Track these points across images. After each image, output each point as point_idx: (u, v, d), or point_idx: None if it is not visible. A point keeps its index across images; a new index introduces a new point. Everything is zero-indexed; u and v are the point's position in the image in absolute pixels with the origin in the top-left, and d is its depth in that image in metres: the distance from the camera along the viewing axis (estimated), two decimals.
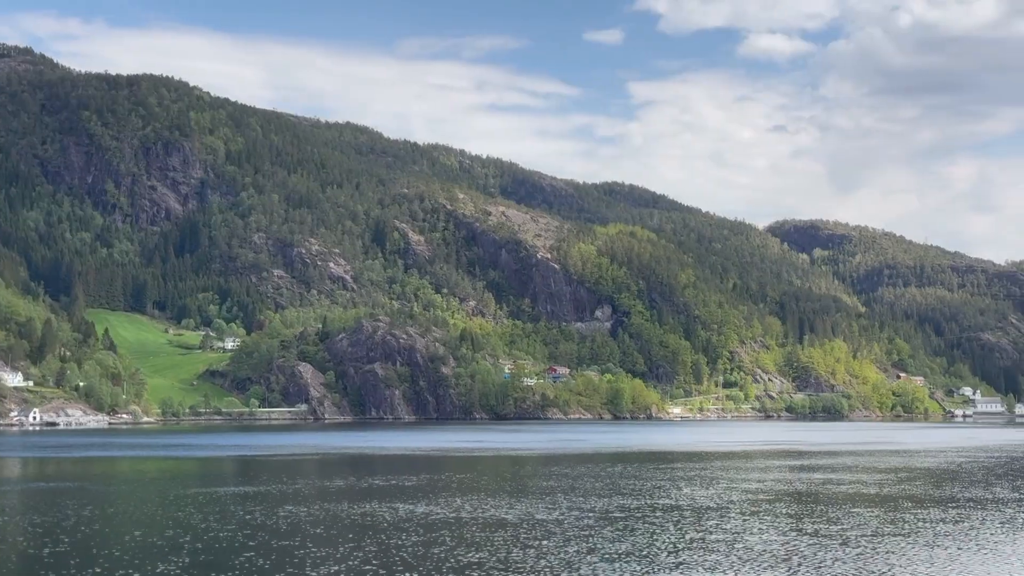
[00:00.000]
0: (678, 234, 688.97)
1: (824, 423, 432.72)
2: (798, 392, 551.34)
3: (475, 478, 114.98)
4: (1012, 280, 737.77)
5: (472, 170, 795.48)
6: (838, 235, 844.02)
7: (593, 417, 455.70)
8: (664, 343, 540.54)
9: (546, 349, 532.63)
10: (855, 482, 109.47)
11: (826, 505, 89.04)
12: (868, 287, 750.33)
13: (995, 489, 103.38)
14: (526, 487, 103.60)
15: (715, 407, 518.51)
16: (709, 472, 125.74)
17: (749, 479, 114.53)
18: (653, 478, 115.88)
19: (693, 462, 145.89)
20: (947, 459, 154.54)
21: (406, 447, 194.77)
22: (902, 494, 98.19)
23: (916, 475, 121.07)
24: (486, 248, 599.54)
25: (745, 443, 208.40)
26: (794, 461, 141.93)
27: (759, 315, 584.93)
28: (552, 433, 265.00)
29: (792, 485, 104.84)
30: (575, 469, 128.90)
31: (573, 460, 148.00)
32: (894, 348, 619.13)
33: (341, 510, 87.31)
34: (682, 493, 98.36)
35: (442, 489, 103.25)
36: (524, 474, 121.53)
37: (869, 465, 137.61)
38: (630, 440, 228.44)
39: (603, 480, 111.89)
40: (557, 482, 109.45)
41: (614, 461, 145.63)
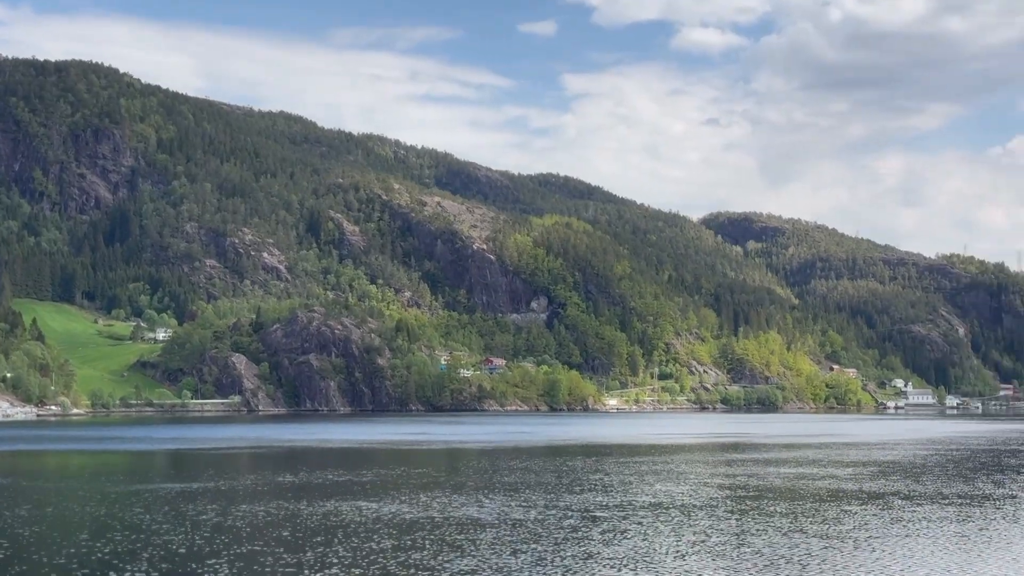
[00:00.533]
0: (613, 226, 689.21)
1: (764, 415, 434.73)
2: (733, 384, 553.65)
3: (433, 473, 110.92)
4: (942, 273, 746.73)
5: (407, 160, 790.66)
6: (771, 228, 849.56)
7: (530, 409, 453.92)
8: (600, 335, 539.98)
9: (482, 340, 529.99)
10: (830, 476, 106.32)
11: (816, 502, 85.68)
12: (801, 279, 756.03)
13: (979, 484, 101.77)
14: (490, 483, 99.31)
15: (651, 399, 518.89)
16: (675, 466, 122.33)
17: (719, 473, 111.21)
18: (619, 473, 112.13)
19: (654, 456, 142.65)
20: (909, 452, 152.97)
21: (350, 440, 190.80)
22: (887, 490, 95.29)
23: (888, 469, 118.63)
24: (422, 239, 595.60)
25: (696, 435, 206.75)
26: (756, 455, 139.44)
27: (694, 307, 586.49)
28: (495, 425, 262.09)
29: (768, 480, 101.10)
30: (533, 463, 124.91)
31: (527, 454, 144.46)
32: (827, 340, 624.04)
33: (301, 509, 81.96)
34: (657, 489, 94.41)
35: (402, 485, 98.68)
36: (482, 468, 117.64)
37: (834, 458, 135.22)
38: (577, 433, 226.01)
39: (568, 475, 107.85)
40: (520, 477, 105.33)
41: (570, 455, 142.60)
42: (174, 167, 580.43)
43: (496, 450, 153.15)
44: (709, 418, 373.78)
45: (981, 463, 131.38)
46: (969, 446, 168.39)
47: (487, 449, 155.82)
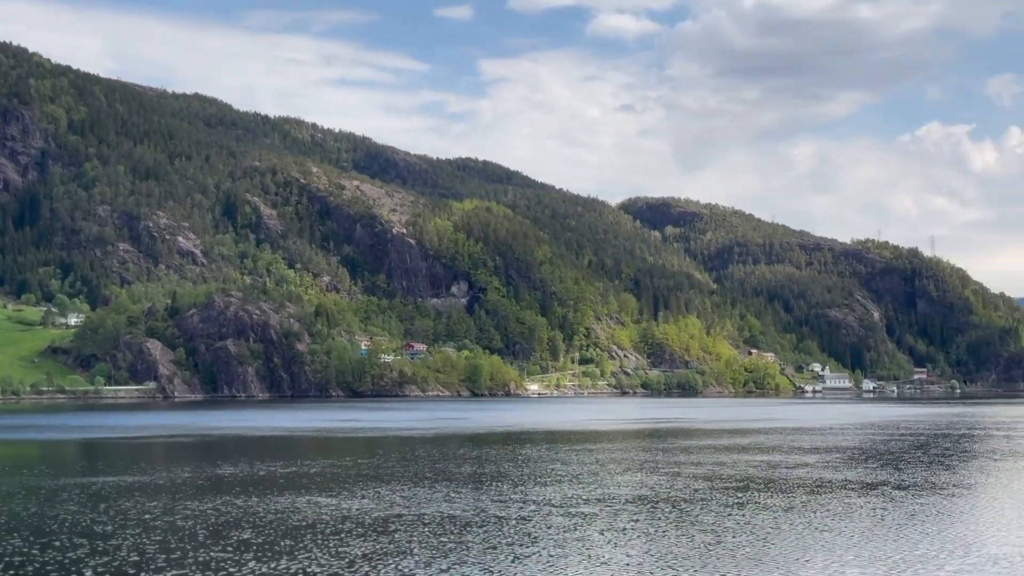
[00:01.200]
0: (532, 210, 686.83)
1: (690, 400, 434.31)
2: (653, 368, 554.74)
3: (384, 463, 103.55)
4: (857, 258, 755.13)
5: (324, 144, 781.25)
6: (689, 213, 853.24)
7: (451, 394, 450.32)
8: (521, 319, 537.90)
9: (402, 325, 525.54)
10: (803, 464, 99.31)
11: (809, 493, 79.53)
12: (719, 264, 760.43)
13: (964, 472, 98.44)
14: (448, 473, 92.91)
15: (572, 384, 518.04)
16: (636, 455, 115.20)
17: (687, 462, 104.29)
18: (579, 462, 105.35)
19: (606, 443, 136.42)
20: (865, 437, 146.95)
21: (280, 427, 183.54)
22: (874, 479, 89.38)
23: (857, 455, 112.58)
24: (340, 223, 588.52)
25: (638, 421, 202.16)
26: (712, 441, 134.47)
27: (614, 292, 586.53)
28: (423, 411, 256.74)
29: (743, 470, 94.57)
30: (482, 451, 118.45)
31: (471, 441, 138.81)
32: (746, 325, 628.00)
33: (255, 506, 73.78)
34: (632, 480, 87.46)
35: (355, 477, 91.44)
36: (432, 457, 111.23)
37: (794, 445, 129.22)
38: (513, 419, 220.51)
39: (526, 465, 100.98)
40: (475, 467, 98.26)
41: (520, 442, 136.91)
42: (86, 149, 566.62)
43: (440, 437, 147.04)
44: (639, 403, 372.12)
45: (947, 448, 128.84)
46: (919, 430, 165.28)
47: (429, 437, 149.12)
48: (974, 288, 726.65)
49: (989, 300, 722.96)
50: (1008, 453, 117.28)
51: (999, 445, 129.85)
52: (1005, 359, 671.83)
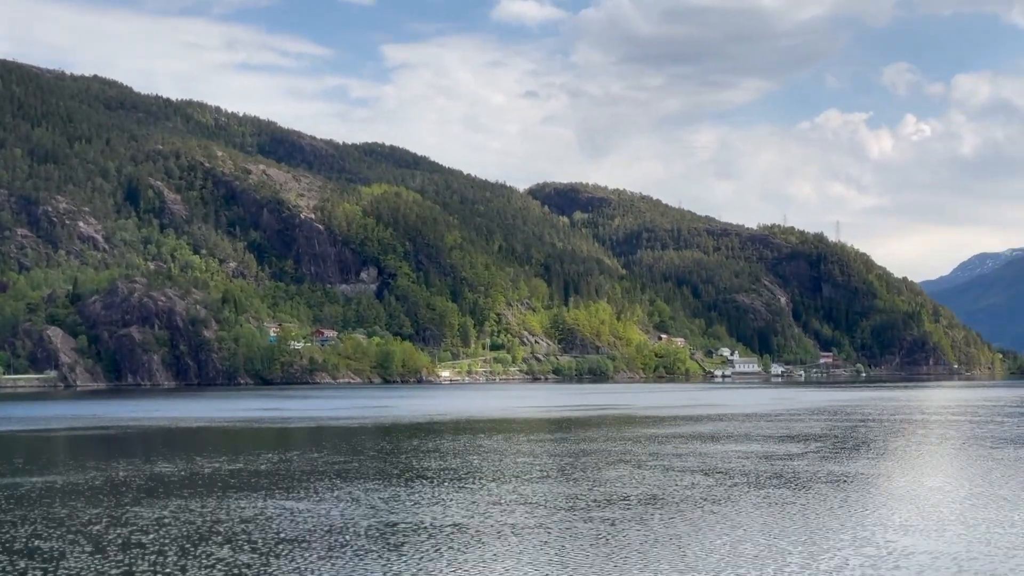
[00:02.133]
0: (441, 195, 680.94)
1: (608, 385, 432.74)
2: (564, 354, 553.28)
3: (336, 457, 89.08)
4: (764, 243, 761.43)
5: (229, 128, 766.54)
6: (597, 198, 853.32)
7: (363, 381, 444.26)
8: (431, 305, 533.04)
9: (311, 312, 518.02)
10: (798, 454, 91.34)
11: (827, 486, 69.85)
12: (627, 250, 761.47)
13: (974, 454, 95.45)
14: (413, 469, 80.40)
15: (483, 370, 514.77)
16: (612, 446, 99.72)
17: (669, 454, 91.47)
18: (552, 454, 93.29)
19: (568, 432, 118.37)
20: (826, 423, 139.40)
21: (204, 417, 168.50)
22: (885, 470, 79.49)
23: (843, 443, 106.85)
24: (247, 208, 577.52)
25: (578, 408, 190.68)
26: (673, 429, 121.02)
27: (525, 277, 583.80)
28: (347, 399, 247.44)
29: (740, 463, 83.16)
30: (439, 443, 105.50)
31: (419, 431, 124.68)
32: (655, 310, 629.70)
33: (216, 512, 60.42)
34: (626, 477, 74.35)
35: (313, 474, 77.80)
36: (386, 450, 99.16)
37: (762, 433, 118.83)
38: (443, 406, 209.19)
39: (493, 457, 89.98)
40: (440, 462, 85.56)
41: (471, 431, 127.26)
42: None
43: (381, 428, 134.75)
44: (560, 389, 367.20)
45: (923, 434, 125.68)
46: (871, 415, 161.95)
47: (369, 427, 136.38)
48: (878, 273, 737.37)
49: (893, 285, 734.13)
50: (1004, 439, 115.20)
51: (982, 429, 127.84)
52: (908, 343, 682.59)
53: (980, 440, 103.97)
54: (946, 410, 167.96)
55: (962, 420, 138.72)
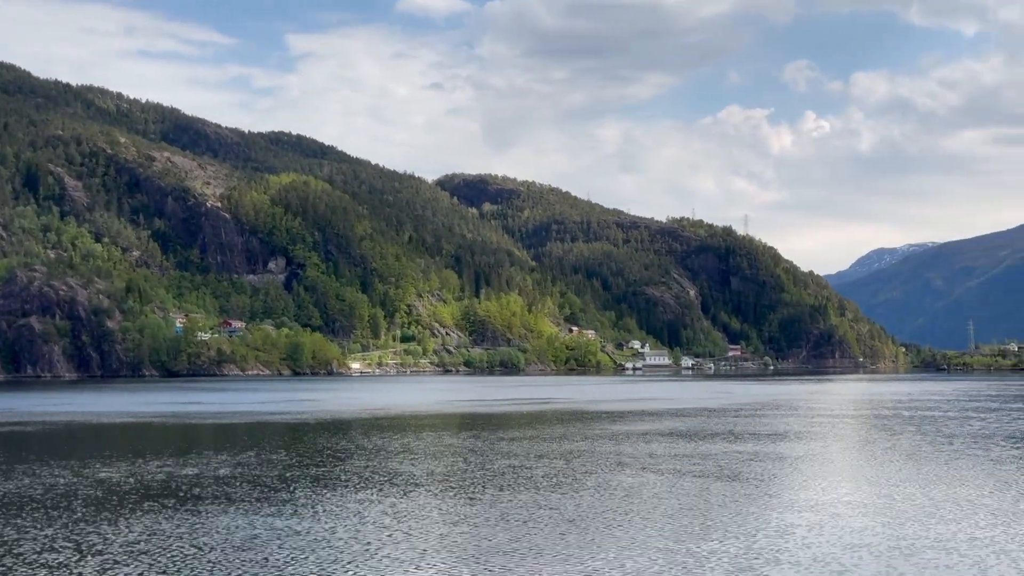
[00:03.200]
0: (350, 185, 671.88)
1: (527, 378, 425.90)
2: (475, 346, 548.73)
3: (309, 461, 73.76)
4: (673, 236, 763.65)
5: (131, 114, 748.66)
6: (507, 190, 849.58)
7: (272, 373, 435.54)
8: (341, 296, 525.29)
9: (217, 302, 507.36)
10: (796, 458, 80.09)
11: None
12: (537, 242, 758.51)
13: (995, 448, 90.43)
14: (390, 471, 64.33)
15: (394, 361, 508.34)
16: (601, 446, 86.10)
17: (668, 455, 77.15)
18: (537, 455, 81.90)
19: (527, 428, 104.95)
20: (809, 418, 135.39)
21: (126, 412, 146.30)
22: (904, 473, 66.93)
23: (835, 440, 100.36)
24: (151, 195, 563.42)
25: (517, 402, 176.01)
26: (644, 426, 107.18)
27: (436, 268, 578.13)
28: (266, 392, 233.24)
29: (750, 465, 70.24)
30: (418, 443, 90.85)
31: (387, 427, 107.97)
32: (566, 302, 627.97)
33: (200, 532, 45.70)
34: (649, 485, 65.03)
35: (293, 481, 62.74)
36: (349, 451, 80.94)
37: (748, 430, 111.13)
38: (372, 400, 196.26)
39: (485, 456, 74.59)
40: (417, 467, 66.79)
41: (415, 428, 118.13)
42: None
43: (336, 423, 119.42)
44: (481, 381, 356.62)
45: (922, 425, 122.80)
46: (833, 410, 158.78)
47: (313, 422, 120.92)
48: (785, 267, 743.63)
49: (800, 279, 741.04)
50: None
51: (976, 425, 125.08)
52: (815, 336, 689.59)
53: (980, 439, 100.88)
54: (916, 404, 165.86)
55: (939, 415, 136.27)
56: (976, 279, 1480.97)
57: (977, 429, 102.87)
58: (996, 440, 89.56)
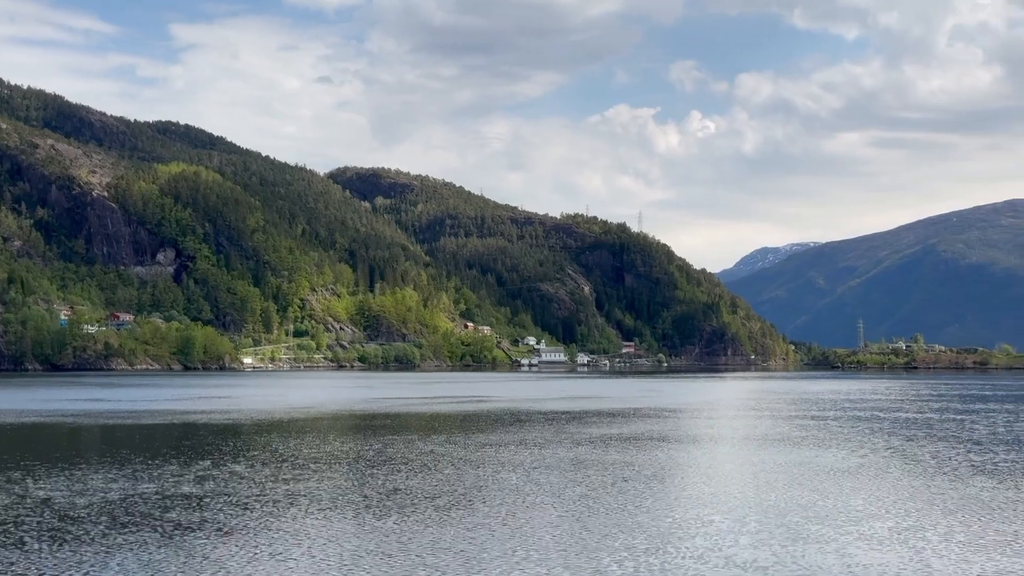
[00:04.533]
0: (241, 177, 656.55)
1: (432, 374, 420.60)
2: (370, 341, 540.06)
3: (273, 465, 70.10)
4: (567, 233, 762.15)
5: (11, 101, 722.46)
6: (400, 184, 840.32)
7: (162, 367, 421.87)
8: (232, 289, 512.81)
9: (103, 294, 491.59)
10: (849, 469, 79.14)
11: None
12: (431, 236, 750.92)
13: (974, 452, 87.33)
14: (404, 488, 60.30)
15: (287, 356, 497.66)
16: (606, 454, 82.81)
17: (675, 464, 68.61)
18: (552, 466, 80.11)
19: (504, 432, 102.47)
20: (783, 418, 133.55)
21: (31, 411, 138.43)
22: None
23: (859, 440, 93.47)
24: (34, 184, 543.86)
25: (449, 400, 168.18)
26: (615, 429, 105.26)
27: (330, 262, 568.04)
28: (171, 389, 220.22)
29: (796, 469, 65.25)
30: (397, 449, 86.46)
31: (317, 427, 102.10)
32: (461, 297, 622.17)
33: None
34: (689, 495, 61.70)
35: (281, 500, 52.20)
36: (328, 456, 78.64)
37: (737, 434, 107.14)
38: (301, 397, 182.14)
39: (463, 467, 67.70)
40: (419, 480, 65.92)
41: (376, 430, 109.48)
42: None
43: (276, 423, 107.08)
44: (392, 378, 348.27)
45: (901, 425, 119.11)
46: (811, 408, 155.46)
47: (260, 423, 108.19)
48: (679, 264, 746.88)
49: (693, 276, 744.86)
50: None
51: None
52: (708, 333, 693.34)
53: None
54: (876, 403, 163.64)
55: (923, 416, 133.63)
56: (857, 278, 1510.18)
57: (986, 432, 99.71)
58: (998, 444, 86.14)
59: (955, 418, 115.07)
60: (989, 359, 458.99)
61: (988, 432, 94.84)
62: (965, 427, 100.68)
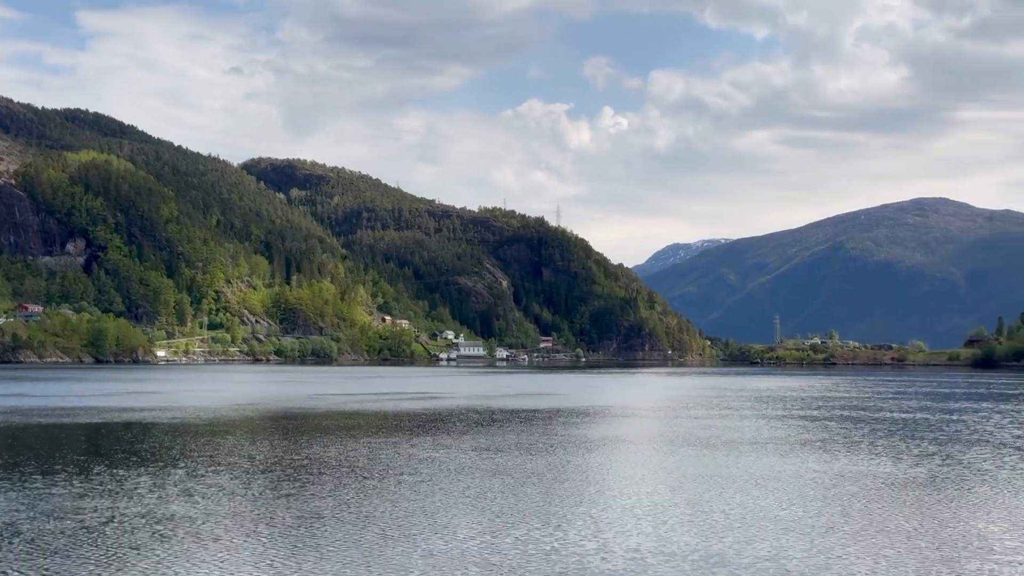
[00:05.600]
0: (153, 166, 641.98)
1: (363, 368, 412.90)
2: (287, 335, 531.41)
3: (255, 455, 65.84)
4: (485, 226, 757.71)
5: None
6: (315, 176, 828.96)
7: (72, 360, 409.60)
8: (145, 281, 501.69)
9: (10, 285, 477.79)
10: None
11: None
12: (347, 229, 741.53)
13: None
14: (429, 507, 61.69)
15: (201, 350, 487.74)
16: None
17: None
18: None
19: (510, 434, 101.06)
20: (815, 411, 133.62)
21: None
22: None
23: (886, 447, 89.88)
24: None
25: (409, 396, 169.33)
26: (628, 429, 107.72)
27: (245, 254, 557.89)
28: (90, 383, 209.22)
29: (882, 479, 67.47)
30: (345, 446, 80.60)
31: (265, 429, 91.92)
32: (379, 290, 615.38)
33: None
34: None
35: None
36: (283, 462, 76.89)
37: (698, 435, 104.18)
38: (246, 392, 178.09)
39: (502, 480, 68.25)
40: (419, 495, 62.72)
41: (358, 430, 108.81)
42: None
43: (232, 422, 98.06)
44: (336, 372, 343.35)
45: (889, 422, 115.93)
46: (804, 406, 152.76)
47: (210, 421, 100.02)
48: (597, 259, 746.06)
49: (610, 271, 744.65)
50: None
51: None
52: (625, 329, 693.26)
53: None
54: (833, 400, 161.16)
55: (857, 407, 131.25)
56: (767, 275, 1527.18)
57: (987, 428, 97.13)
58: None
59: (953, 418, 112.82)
60: (906, 355, 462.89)
61: (985, 433, 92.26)
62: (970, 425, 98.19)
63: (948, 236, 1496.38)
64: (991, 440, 78.74)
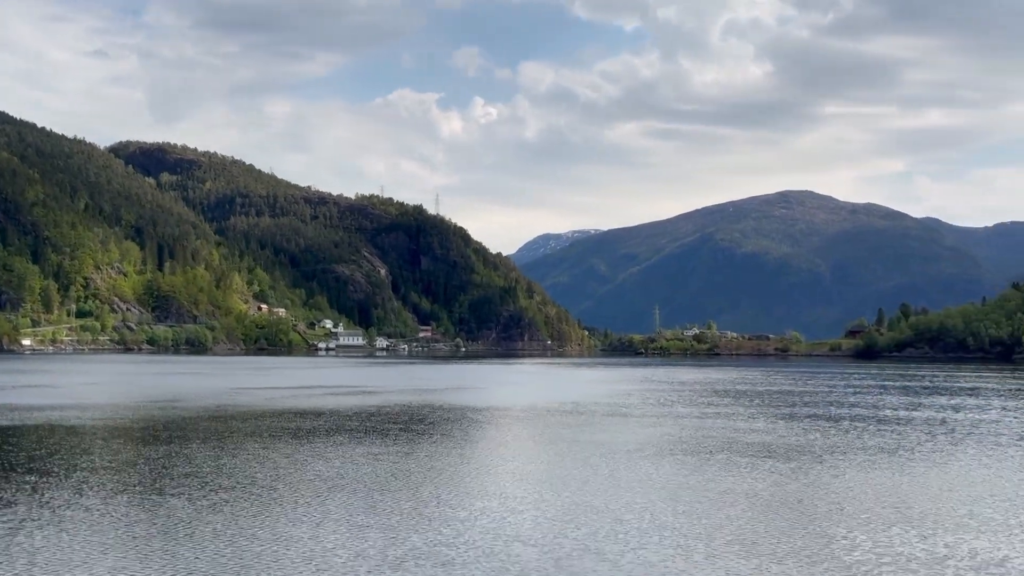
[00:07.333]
0: (16, 148, 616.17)
1: (242, 359, 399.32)
2: (159, 323, 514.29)
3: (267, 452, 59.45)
4: (363, 214, 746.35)
5: None
6: (186, 160, 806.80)
7: None
8: (8, 266, 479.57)
9: None
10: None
11: None
12: (221, 215, 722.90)
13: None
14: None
15: (69, 338, 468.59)
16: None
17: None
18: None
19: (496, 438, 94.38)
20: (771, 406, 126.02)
21: None
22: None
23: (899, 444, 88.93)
24: None
25: (335, 391, 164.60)
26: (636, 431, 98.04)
27: (116, 239, 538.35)
28: (32, 374, 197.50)
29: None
30: (340, 450, 79.09)
31: (234, 430, 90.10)
32: (255, 278, 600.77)
33: None
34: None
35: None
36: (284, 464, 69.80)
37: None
38: (152, 390, 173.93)
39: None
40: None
41: (344, 431, 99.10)
42: None
43: (212, 417, 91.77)
44: (225, 363, 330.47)
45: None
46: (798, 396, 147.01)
47: (194, 417, 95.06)
48: (476, 247, 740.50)
49: (489, 260, 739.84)
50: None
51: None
52: (505, 318, 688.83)
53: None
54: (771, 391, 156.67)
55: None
56: (638, 265, 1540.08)
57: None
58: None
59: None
60: (789, 346, 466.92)
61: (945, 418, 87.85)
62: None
63: (813, 228, 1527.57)
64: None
